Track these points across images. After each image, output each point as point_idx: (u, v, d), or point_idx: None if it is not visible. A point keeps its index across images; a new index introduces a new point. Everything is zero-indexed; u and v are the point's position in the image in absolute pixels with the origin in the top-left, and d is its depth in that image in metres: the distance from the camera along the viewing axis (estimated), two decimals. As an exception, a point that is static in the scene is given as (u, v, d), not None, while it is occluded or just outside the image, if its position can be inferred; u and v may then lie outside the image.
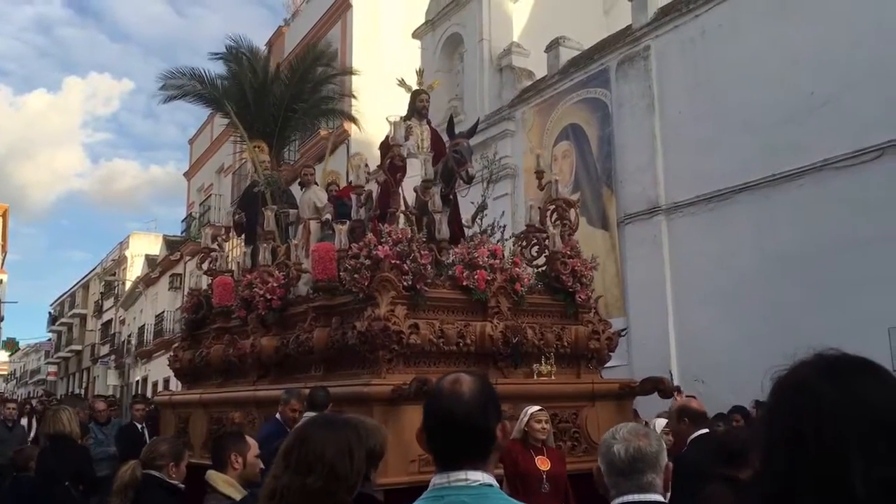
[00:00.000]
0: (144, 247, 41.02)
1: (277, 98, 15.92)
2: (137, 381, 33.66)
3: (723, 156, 10.98)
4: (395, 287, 6.00)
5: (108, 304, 44.88)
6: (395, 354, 5.92)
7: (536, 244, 7.27)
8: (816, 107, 9.94)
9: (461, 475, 1.78)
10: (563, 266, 6.87)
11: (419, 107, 8.07)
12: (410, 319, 6.00)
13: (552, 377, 6.41)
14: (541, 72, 15.16)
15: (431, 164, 7.07)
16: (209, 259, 9.10)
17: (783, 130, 10.24)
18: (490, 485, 1.80)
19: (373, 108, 18.21)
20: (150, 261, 36.34)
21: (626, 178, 12.61)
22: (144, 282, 36.01)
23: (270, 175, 10.36)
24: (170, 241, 34.42)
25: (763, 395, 1.25)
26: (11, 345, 55.16)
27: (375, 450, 2.74)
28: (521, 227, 9.40)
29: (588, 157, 13.39)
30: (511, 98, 15.38)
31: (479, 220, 8.26)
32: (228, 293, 8.39)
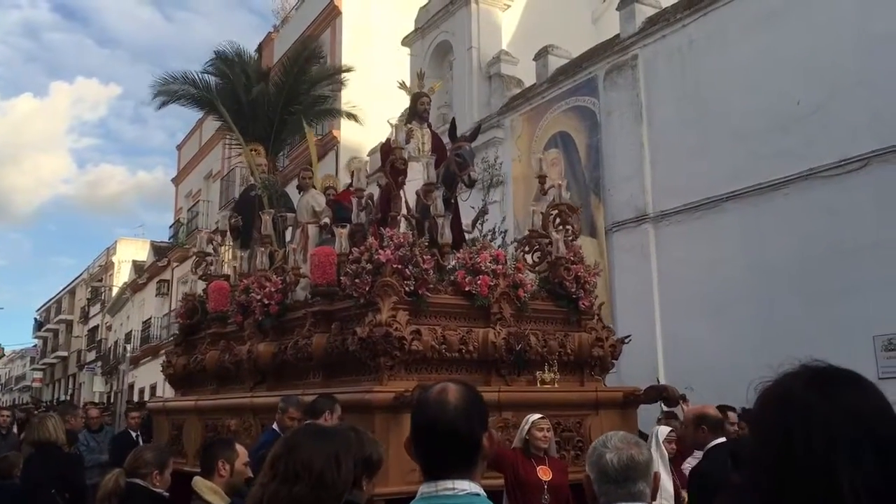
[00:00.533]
0: (131, 252, 40.88)
1: (273, 100, 15.72)
2: (123, 389, 33.43)
3: (710, 164, 11.03)
4: (397, 292, 5.87)
5: (95, 310, 44.66)
6: (397, 361, 5.77)
7: (538, 250, 7.09)
8: (803, 116, 10.00)
9: (448, 484, 1.78)
10: (567, 272, 6.71)
11: (420, 110, 7.84)
12: (412, 325, 5.84)
13: (555, 385, 6.25)
14: (529, 80, 15.19)
15: (433, 168, 6.93)
16: (204, 263, 8.95)
17: (770, 139, 10.30)
18: (477, 494, 1.80)
19: (362, 115, 18.23)
20: (138, 267, 36.22)
21: (614, 186, 12.65)
22: (131, 288, 35.87)
23: (267, 178, 10.32)
24: (157, 247, 34.33)
25: (750, 404, 1.25)
26: (-4, 351, 54.65)
27: (372, 459, 2.72)
28: (511, 234, 9.36)
29: (576, 165, 13.43)
30: (500, 106, 15.41)
31: (480, 225, 8.14)
32: (224, 298, 8.27)
